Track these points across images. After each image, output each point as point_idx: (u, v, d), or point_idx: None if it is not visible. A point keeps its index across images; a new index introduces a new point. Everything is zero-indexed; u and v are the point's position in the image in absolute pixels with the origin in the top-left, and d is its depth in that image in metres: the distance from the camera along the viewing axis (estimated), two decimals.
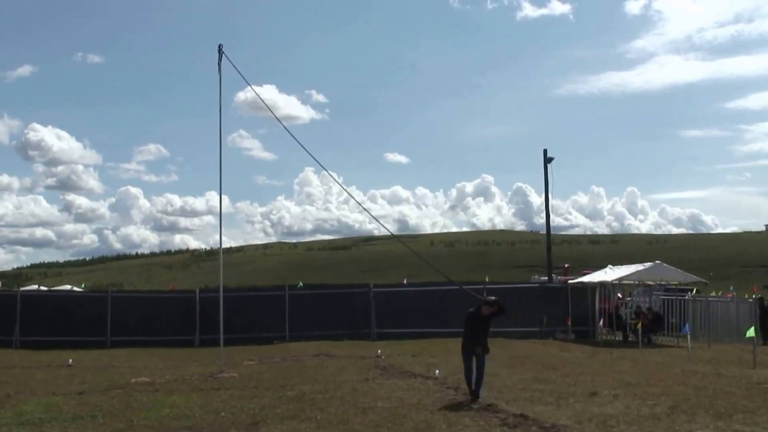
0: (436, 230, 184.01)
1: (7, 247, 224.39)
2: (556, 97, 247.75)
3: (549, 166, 40.55)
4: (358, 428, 13.01)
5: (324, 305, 35.45)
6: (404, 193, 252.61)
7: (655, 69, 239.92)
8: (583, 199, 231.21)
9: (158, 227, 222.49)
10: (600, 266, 40.03)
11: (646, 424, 12.80)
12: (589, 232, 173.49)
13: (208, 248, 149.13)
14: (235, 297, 35.31)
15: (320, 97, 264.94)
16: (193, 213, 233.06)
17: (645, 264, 34.49)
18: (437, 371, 19.99)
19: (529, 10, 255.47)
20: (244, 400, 16.18)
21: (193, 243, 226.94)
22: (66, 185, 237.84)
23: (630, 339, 32.40)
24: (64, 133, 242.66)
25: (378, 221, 30.73)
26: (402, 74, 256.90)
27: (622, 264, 38.05)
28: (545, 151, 40.68)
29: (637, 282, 35.47)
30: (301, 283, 38.30)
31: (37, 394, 18.00)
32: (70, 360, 25.80)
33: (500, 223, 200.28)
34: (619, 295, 37.16)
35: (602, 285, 35.44)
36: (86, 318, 34.64)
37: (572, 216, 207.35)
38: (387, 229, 33.41)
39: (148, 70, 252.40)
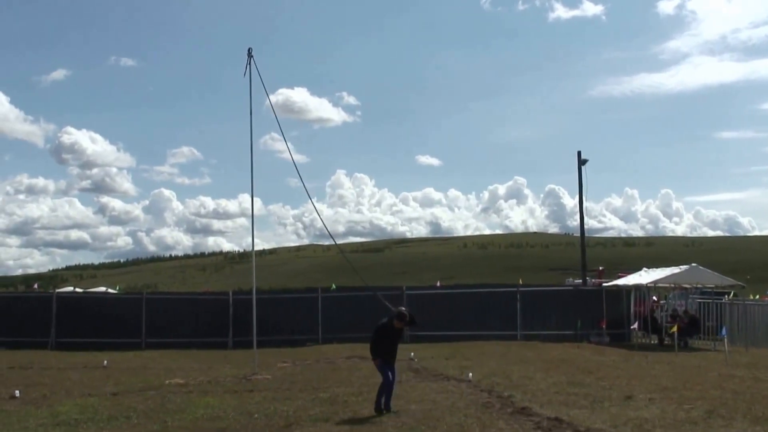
0: (469, 232, 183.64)
1: (43, 249, 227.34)
2: (588, 98, 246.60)
3: (583, 168, 40.30)
4: (391, 430, 12.98)
5: (357, 307, 35.42)
6: (436, 195, 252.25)
7: (689, 70, 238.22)
8: (616, 201, 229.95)
9: (191, 229, 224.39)
10: (635, 269, 39.67)
11: (683, 429, 12.66)
12: (623, 235, 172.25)
13: (241, 250, 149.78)
14: (268, 299, 35.32)
15: (351, 100, 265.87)
16: (226, 215, 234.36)
17: (681, 267, 34.13)
18: (470, 374, 19.90)
19: (561, 12, 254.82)
20: (278, 402, 16.21)
21: (226, 245, 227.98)
22: (100, 188, 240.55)
23: (666, 342, 32.09)
24: (98, 136, 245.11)
25: (335, 241, 30.79)
26: (433, 76, 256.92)
27: (657, 267, 37.69)
28: (579, 153, 40.44)
29: (672, 285, 35.09)
30: (333, 286, 38.27)
31: (73, 395, 18.15)
32: (105, 361, 26.01)
33: (533, 226, 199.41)
34: (654, 298, 36.78)
35: (637, 288, 35.13)
36: (121, 319, 34.89)
37: (606, 218, 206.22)
38: (337, 245, 33.45)
39: (180, 73, 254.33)
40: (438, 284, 41.68)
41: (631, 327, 33.72)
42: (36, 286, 57.09)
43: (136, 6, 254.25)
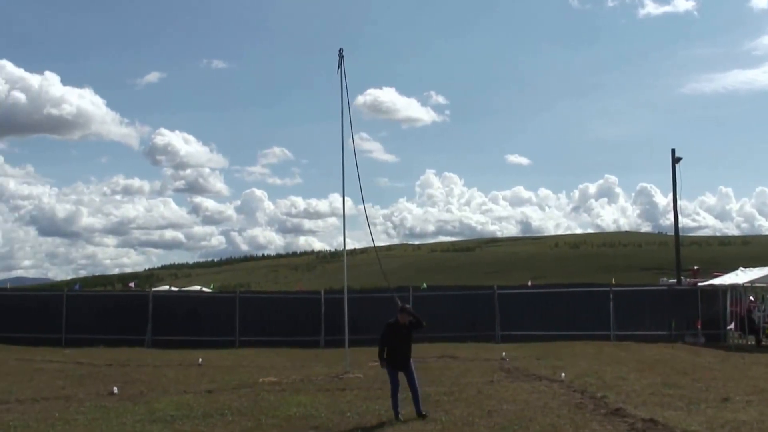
0: (560, 232, 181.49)
1: (139, 248, 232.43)
2: (680, 96, 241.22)
3: (677, 166, 39.56)
4: (483, 431, 12.95)
5: (447, 307, 35.36)
6: (526, 194, 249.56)
7: None
8: (710, 199, 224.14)
9: (283, 229, 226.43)
10: (731, 268, 38.76)
11: None
12: (718, 233, 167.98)
13: (332, 250, 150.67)
14: (359, 298, 35.44)
15: (440, 99, 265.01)
16: (317, 215, 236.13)
17: None
18: (563, 374, 19.73)
19: (651, 8, 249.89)
20: (370, 401, 16.31)
21: (317, 244, 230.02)
22: (194, 188, 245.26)
23: (763, 343, 31.36)
24: (191, 137, 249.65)
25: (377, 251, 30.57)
26: (523, 75, 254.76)
27: (754, 266, 36.74)
28: (673, 151, 39.69)
29: None
30: (424, 285, 38.28)
31: (169, 392, 18.56)
32: (200, 359, 26.49)
33: (625, 225, 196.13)
34: (751, 297, 35.88)
35: (734, 287, 34.33)
36: (215, 318, 35.57)
37: (700, 217, 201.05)
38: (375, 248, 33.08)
39: (271, 74, 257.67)
40: (529, 284, 41.33)
41: (728, 327, 32.94)
42: (132, 285, 58.38)
43: (226, 8, 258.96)
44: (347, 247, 25.76)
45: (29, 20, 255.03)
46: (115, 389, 18.49)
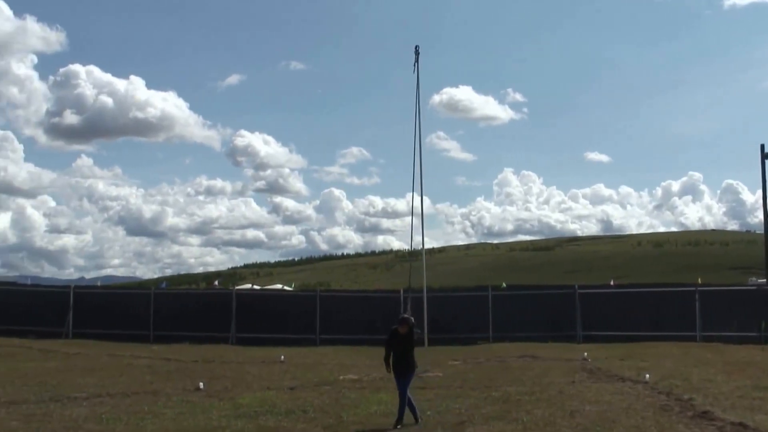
0: (642, 230, 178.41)
1: (222, 248, 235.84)
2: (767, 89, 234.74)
3: (767, 161, 38.58)
4: (566, 431, 12.79)
5: (527, 306, 35.09)
6: (607, 192, 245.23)
7: None
8: None
9: (361, 228, 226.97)
10: None
11: None
12: None
13: (411, 249, 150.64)
14: (438, 297, 35.33)
15: (518, 96, 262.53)
16: (395, 214, 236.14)
17: None
18: (647, 375, 19.37)
19: None
20: (449, 399, 16.25)
21: (396, 243, 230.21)
22: (274, 188, 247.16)
23: None
24: (270, 139, 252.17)
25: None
26: (602, 70, 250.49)
27: None
28: (762, 147, 38.71)
29: None
30: (504, 284, 38.08)
31: (252, 389, 18.79)
32: (282, 356, 26.74)
33: (710, 223, 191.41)
34: None
35: None
36: (296, 316, 35.88)
37: None
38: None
39: (348, 74, 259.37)
40: (611, 283, 40.75)
41: None
42: (217, 283, 59.20)
43: (304, 10, 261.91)
44: (425, 246, 25.76)
45: (115, 27, 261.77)
46: (201, 385, 18.78)
